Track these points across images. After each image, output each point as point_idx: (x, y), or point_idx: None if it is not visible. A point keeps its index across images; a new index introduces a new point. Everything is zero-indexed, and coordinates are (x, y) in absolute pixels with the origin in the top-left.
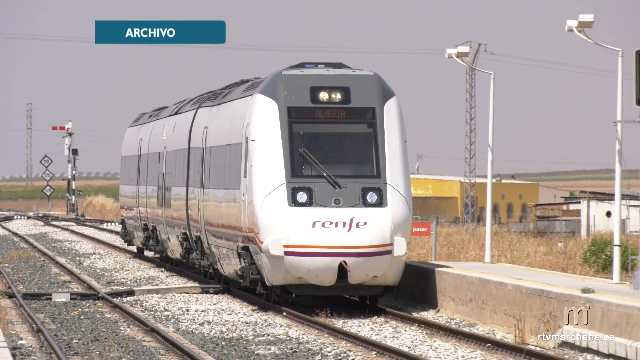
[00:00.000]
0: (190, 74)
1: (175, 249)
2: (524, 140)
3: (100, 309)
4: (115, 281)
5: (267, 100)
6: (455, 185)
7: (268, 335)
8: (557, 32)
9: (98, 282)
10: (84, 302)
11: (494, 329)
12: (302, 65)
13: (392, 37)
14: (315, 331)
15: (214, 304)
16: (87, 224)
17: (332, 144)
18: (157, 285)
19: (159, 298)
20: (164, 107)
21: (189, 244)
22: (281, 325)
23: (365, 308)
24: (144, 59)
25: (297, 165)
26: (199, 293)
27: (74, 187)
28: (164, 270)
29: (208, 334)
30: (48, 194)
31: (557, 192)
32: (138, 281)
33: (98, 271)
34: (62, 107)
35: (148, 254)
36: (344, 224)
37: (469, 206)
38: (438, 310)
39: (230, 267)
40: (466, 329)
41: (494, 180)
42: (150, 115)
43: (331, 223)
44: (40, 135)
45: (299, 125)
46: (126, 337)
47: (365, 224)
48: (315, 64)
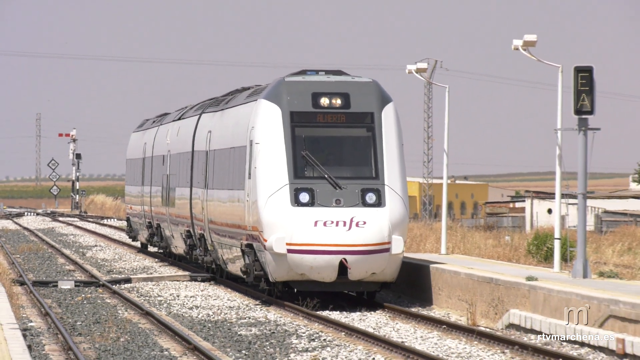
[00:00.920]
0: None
1: (178, 245)
2: (475, 146)
3: (101, 295)
4: (114, 270)
5: (271, 105)
6: (414, 186)
7: (249, 318)
8: (505, 50)
9: (99, 271)
10: (86, 289)
11: (449, 313)
12: (303, 72)
13: (357, 54)
14: (291, 314)
15: (202, 291)
16: (89, 220)
17: (332, 146)
18: (151, 274)
19: (153, 285)
20: (166, 114)
21: (192, 241)
22: (261, 309)
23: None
24: (139, 75)
25: (300, 167)
26: (188, 281)
27: (77, 187)
28: (157, 260)
29: (196, 316)
30: (55, 193)
31: (504, 192)
32: (134, 270)
33: (99, 261)
34: (68, 116)
35: (151, 249)
36: (345, 223)
37: (426, 204)
38: (399, 297)
39: (234, 263)
40: (424, 313)
41: (448, 181)
42: (153, 121)
43: (332, 222)
44: (47, 141)
45: (301, 129)
46: (124, 319)
47: (364, 223)
48: (316, 71)
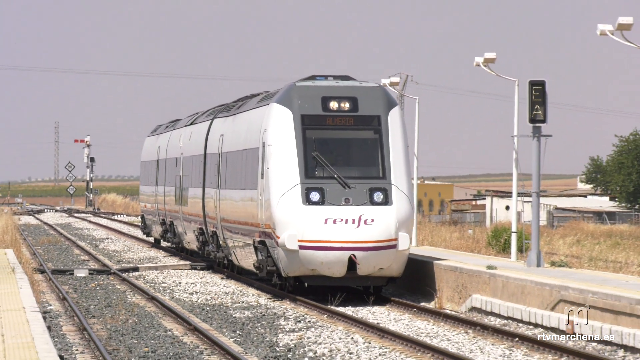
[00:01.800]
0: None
1: (191, 241)
2: (442, 151)
3: (112, 282)
4: (124, 260)
5: (283, 109)
6: None
7: (243, 302)
8: (468, 66)
9: (110, 261)
10: (99, 276)
11: (419, 298)
12: (313, 77)
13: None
14: (279, 299)
15: (201, 278)
16: (102, 215)
17: (341, 148)
18: (156, 263)
19: (158, 273)
20: (178, 120)
21: (204, 238)
22: (253, 295)
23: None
24: (146, 88)
25: (310, 167)
26: (189, 269)
27: (91, 187)
28: (161, 251)
29: (196, 301)
30: (71, 192)
31: (467, 191)
32: (141, 260)
33: (110, 252)
34: (83, 125)
35: (164, 244)
36: (354, 221)
37: None
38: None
39: (246, 259)
40: (396, 298)
41: (418, 182)
42: (166, 127)
43: (342, 220)
44: (65, 147)
45: (312, 132)
46: (132, 303)
47: (372, 220)
48: (325, 77)
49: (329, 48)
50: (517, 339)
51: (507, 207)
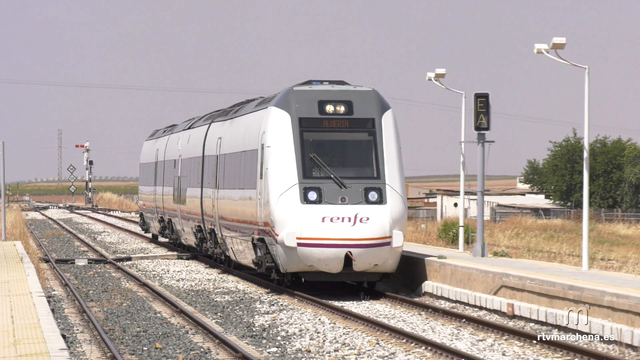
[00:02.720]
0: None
1: (189, 237)
2: None
3: (108, 270)
4: (118, 251)
5: (281, 112)
6: None
7: (223, 288)
8: (421, 80)
9: (107, 251)
10: (97, 265)
11: (378, 284)
12: (309, 82)
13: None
14: (256, 285)
15: (186, 267)
16: (99, 212)
17: (337, 149)
18: (147, 253)
19: (149, 262)
20: (175, 125)
21: (202, 235)
22: (232, 281)
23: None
24: (140, 99)
25: (308, 168)
26: (176, 259)
27: (90, 186)
28: (151, 243)
29: (182, 287)
30: (72, 191)
31: (421, 190)
32: (134, 251)
33: (107, 244)
34: (83, 131)
35: (161, 240)
36: (349, 219)
37: None
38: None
39: (244, 256)
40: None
41: None
42: (164, 131)
43: (338, 218)
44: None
45: (309, 134)
46: (126, 289)
47: (367, 219)
48: (321, 81)
49: (295, 62)
50: (464, 320)
51: (456, 204)
